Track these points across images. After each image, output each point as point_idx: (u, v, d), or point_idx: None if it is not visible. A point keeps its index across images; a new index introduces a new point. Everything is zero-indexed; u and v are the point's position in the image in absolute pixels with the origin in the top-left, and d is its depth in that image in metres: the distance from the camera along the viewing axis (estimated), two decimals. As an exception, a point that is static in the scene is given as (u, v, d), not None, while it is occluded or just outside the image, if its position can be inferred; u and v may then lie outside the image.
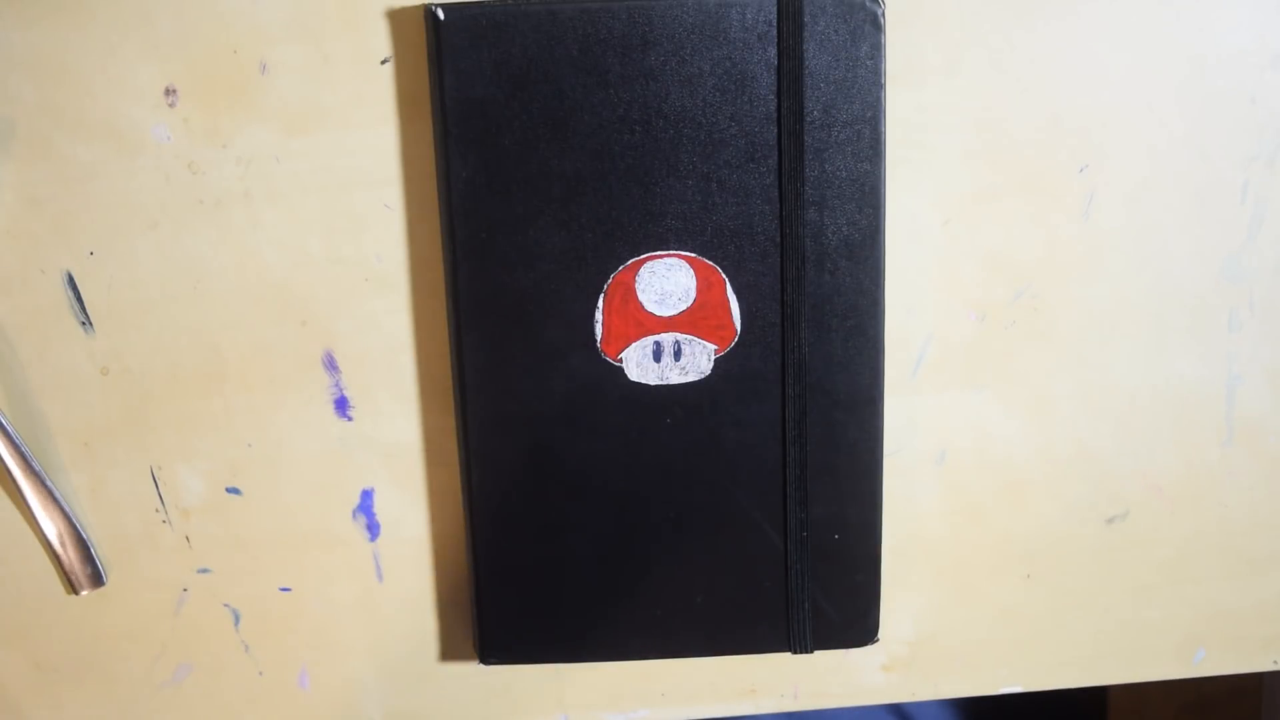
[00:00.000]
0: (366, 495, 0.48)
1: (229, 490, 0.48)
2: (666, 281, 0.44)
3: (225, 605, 0.49)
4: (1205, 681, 0.91)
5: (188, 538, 0.48)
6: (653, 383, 0.45)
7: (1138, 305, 0.48)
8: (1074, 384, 0.48)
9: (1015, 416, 0.48)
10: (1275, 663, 0.52)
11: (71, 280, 0.46)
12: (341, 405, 0.47)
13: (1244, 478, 0.50)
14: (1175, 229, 0.47)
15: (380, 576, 0.49)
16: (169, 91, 0.44)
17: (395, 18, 0.44)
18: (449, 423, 0.47)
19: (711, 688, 0.51)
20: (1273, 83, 0.46)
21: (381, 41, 0.44)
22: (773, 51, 0.42)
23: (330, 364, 0.47)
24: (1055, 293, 0.47)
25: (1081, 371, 0.48)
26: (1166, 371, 0.48)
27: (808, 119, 0.43)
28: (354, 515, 0.49)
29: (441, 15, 0.42)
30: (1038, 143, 0.46)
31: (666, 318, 0.44)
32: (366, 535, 0.49)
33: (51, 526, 0.47)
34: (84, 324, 0.46)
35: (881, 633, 0.49)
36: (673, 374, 0.45)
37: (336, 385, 0.47)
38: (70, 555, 0.48)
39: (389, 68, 0.44)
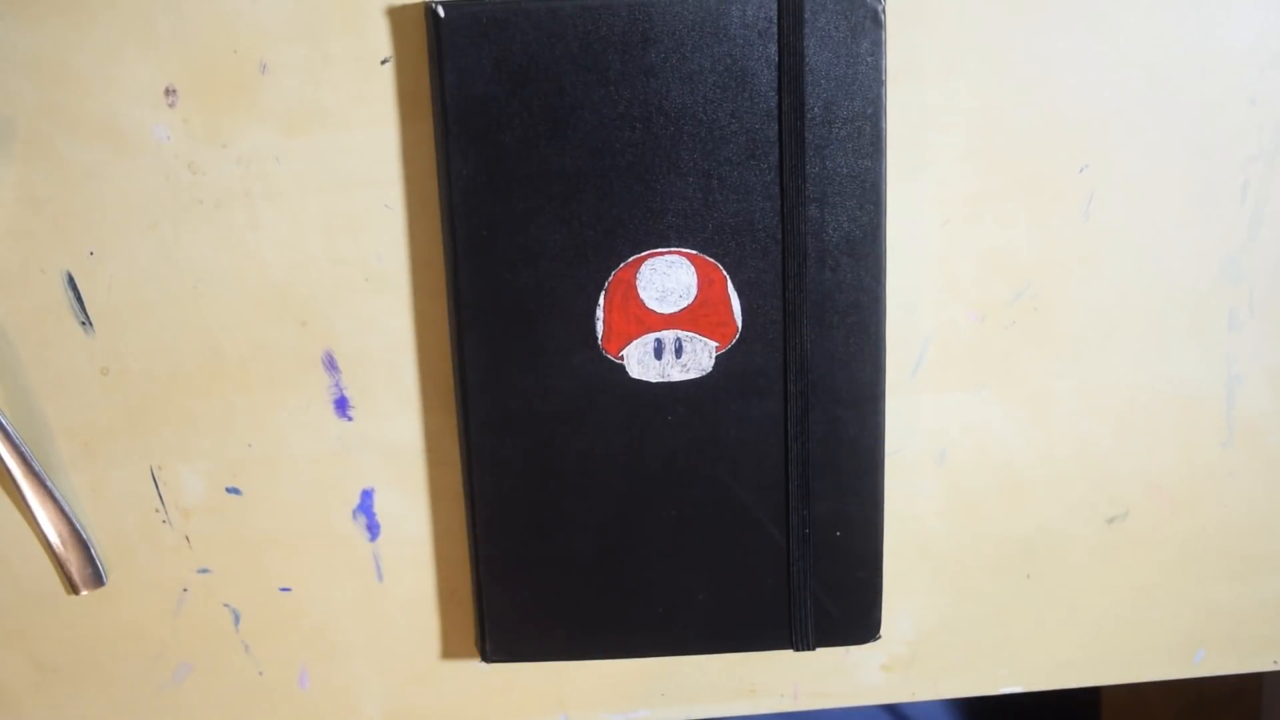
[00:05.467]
0: (366, 495, 0.48)
1: (229, 490, 0.48)
2: (667, 279, 0.44)
3: (225, 605, 0.49)
4: (1205, 681, 0.91)
5: (188, 538, 0.48)
6: (654, 380, 0.45)
7: (1138, 305, 0.48)
8: (1074, 384, 0.48)
9: (1015, 416, 0.49)
10: (1275, 663, 0.52)
11: (71, 280, 0.46)
12: (341, 405, 0.47)
13: (1244, 478, 0.50)
14: (1175, 229, 0.47)
15: (380, 576, 0.49)
16: (169, 91, 0.44)
17: (395, 17, 0.44)
18: (449, 422, 0.47)
19: (711, 688, 0.51)
20: (1273, 83, 0.46)
21: (381, 41, 0.44)
22: (773, 48, 0.42)
23: (330, 364, 0.47)
24: (1055, 293, 0.47)
25: (1081, 371, 0.48)
26: (1166, 371, 0.48)
27: (808, 115, 0.43)
28: (354, 515, 0.49)
29: (442, 13, 0.42)
30: (1038, 143, 0.46)
31: (667, 315, 0.44)
32: (366, 535, 0.49)
33: (51, 526, 0.47)
34: (84, 324, 0.46)
35: (882, 632, 0.49)
36: (674, 371, 0.45)
37: (336, 385, 0.47)
38: (70, 555, 0.48)
39: (389, 68, 0.44)
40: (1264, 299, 0.48)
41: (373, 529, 0.49)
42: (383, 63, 0.44)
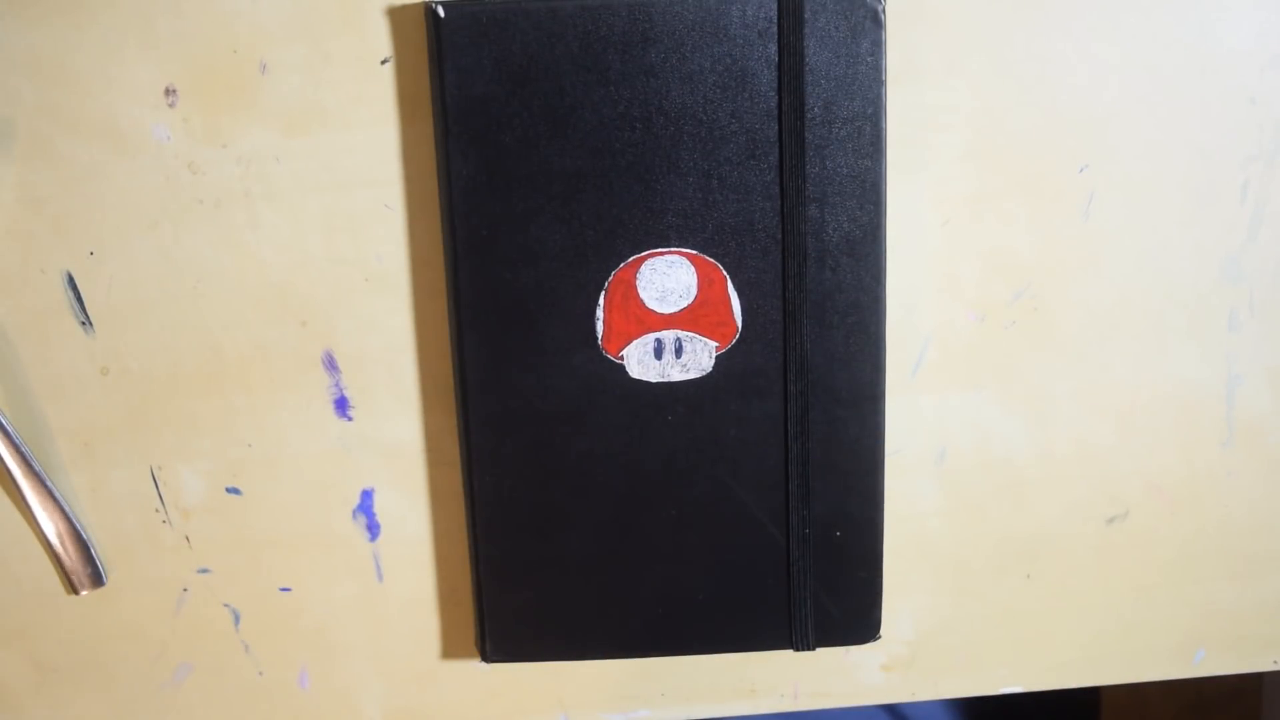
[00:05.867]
0: (366, 495, 0.48)
1: (229, 490, 0.48)
2: (667, 279, 0.44)
3: (225, 605, 0.49)
4: (1205, 681, 0.91)
5: (188, 538, 0.48)
6: (654, 380, 0.45)
7: (1138, 305, 0.48)
8: (1074, 384, 0.48)
9: (1015, 416, 0.48)
10: (1275, 663, 0.52)
11: (71, 280, 0.46)
12: (341, 405, 0.47)
13: (1244, 478, 0.50)
14: (1175, 229, 0.47)
15: (380, 576, 0.49)
16: (169, 91, 0.44)
17: (395, 17, 0.44)
18: (449, 422, 0.47)
19: (711, 688, 0.51)
20: (1273, 83, 0.46)
21: (381, 41, 0.44)
22: (773, 48, 0.42)
23: (330, 364, 0.47)
24: (1055, 293, 0.47)
25: (1081, 371, 0.48)
26: (1166, 371, 0.48)
27: (808, 115, 0.43)
28: (354, 515, 0.49)
29: (442, 13, 0.42)
30: (1038, 143, 0.46)
31: (667, 315, 0.44)
32: (366, 535, 0.49)
33: (51, 526, 0.47)
34: (84, 324, 0.46)
35: (882, 632, 0.49)
36: (674, 371, 0.45)
37: (336, 385, 0.47)
38: (70, 555, 0.48)
39: (389, 68, 0.44)
40: (1264, 299, 0.48)
41: (373, 529, 0.49)
42: (383, 63, 0.44)
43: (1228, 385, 0.49)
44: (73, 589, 0.48)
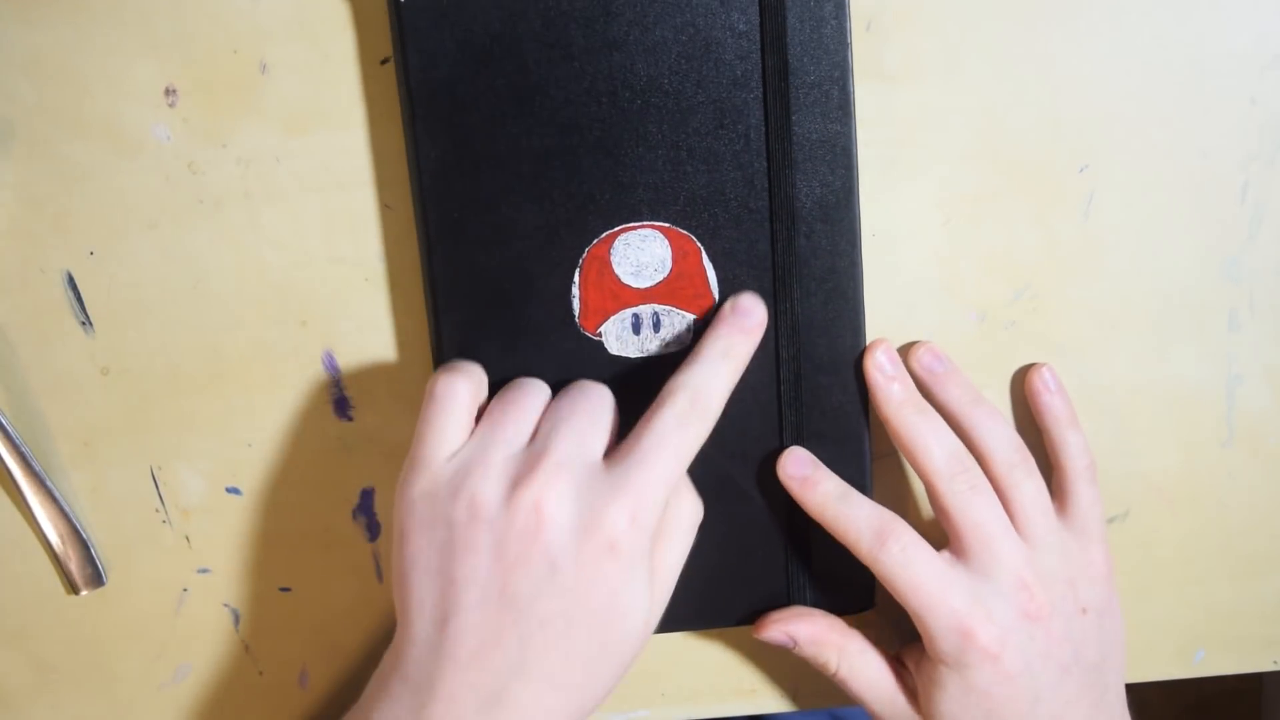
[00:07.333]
0: (366, 495, 0.48)
1: (229, 490, 0.48)
2: (641, 253, 0.44)
3: (225, 605, 0.49)
4: (1205, 681, 0.91)
5: (188, 538, 0.48)
6: (634, 355, 0.45)
7: (1138, 305, 0.48)
8: (1074, 384, 0.48)
9: (1015, 416, 0.48)
10: (1275, 663, 0.52)
11: (71, 280, 0.46)
12: (341, 405, 0.47)
13: (1244, 478, 0.50)
14: (1175, 229, 0.47)
15: (380, 576, 0.49)
16: (169, 91, 0.44)
17: (395, 17, 0.44)
18: (449, 423, 0.47)
19: (711, 688, 0.51)
20: (1273, 83, 0.46)
21: (381, 41, 0.44)
22: (736, 15, 0.42)
23: (330, 364, 0.47)
24: (1055, 293, 0.47)
25: (1081, 371, 0.48)
26: (1166, 371, 0.48)
27: (776, 80, 0.42)
28: (354, 515, 0.49)
29: None
30: (1038, 143, 0.46)
31: (643, 289, 0.44)
32: (366, 535, 0.49)
33: (51, 526, 0.47)
34: (84, 324, 0.46)
35: (882, 633, 0.49)
36: (653, 345, 0.45)
37: (336, 385, 0.47)
38: (70, 555, 0.48)
39: (389, 67, 0.44)
40: (1264, 299, 0.48)
41: (372, 529, 0.49)
42: (383, 63, 0.44)
43: (1228, 385, 0.49)
44: (73, 589, 0.48)
